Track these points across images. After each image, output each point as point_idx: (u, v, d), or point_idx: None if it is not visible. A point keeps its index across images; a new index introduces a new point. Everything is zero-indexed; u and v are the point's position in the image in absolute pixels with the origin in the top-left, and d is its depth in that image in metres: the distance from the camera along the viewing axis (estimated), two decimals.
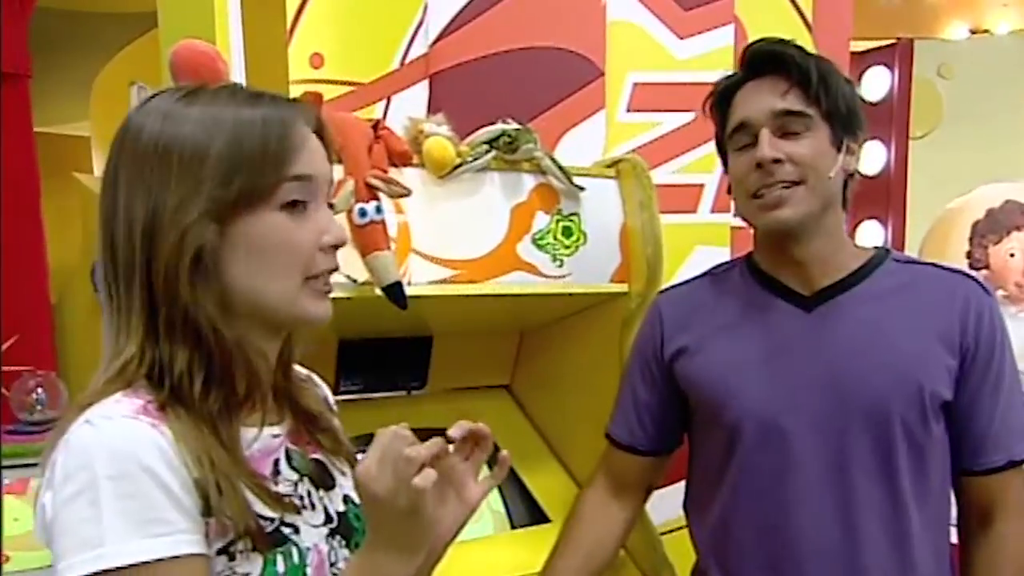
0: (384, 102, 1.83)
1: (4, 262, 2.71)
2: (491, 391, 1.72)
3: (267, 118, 0.76)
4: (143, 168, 0.75)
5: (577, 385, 1.58)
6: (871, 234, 3.67)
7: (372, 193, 1.15)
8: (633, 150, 1.91)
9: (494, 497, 1.50)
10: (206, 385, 0.74)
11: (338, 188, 1.14)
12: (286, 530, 0.78)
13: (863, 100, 3.68)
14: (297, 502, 0.81)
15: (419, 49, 1.84)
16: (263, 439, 0.80)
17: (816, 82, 1.09)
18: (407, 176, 1.24)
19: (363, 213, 1.14)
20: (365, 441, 1.42)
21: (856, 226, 3.77)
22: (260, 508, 0.75)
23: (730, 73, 1.20)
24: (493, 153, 1.30)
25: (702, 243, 1.95)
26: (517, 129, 1.31)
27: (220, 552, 0.71)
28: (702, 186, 1.99)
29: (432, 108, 1.85)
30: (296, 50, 1.83)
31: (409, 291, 1.22)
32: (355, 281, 1.18)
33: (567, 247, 1.37)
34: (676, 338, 1.23)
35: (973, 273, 1.22)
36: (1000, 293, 3.61)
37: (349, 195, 1.14)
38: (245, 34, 1.77)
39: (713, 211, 2.02)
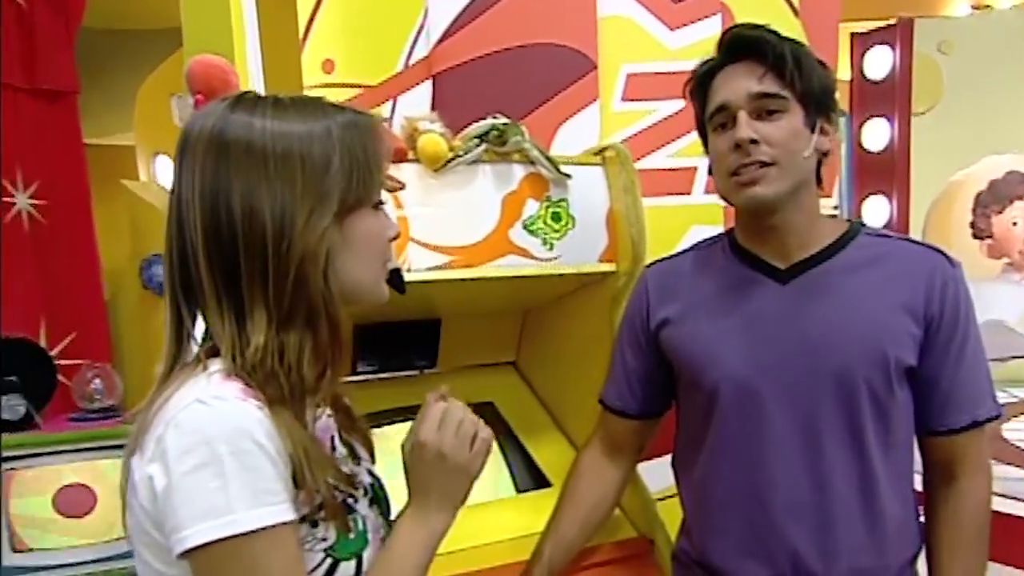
0: (391, 102, 1.88)
1: (61, 265, 2.82)
2: (498, 368, 1.77)
3: (359, 125, 0.83)
4: (262, 178, 0.78)
5: (575, 358, 1.61)
6: (877, 209, 3.64)
7: None
8: (628, 138, 1.94)
9: (501, 464, 1.55)
10: (312, 369, 0.79)
11: None
12: (350, 501, 0.84)
13: (866, 79, 3.69)
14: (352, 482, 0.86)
15: (421, 51, 1.88)
16: (323, 419, 0.88)
17: (791, 66, 1.10)
18: (404, 171, 1.29)
19: None
20: (382, 417, 1.49)
21: (862, 201, 3.74)
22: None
23: (708, 58, 1.21)
24: (484, 147, 1.33)
25: (697, 223, 1.96)
26: (505, 124, 1.34)
27: (303, 520, 0.76)
28: (695, 169, 2.01)
29: (435, 107, 1.89)
30: (309, 57, 1.88)
31: (409, 277, 1.26)
32: None
33: (556, 231, 1.40)
34: (661, 309, 1.26)
35: (940, 247, 1.23)
36: (1004, 261, 3.58)
37: None
38: (262, 44, 1.83)
39: (706, 192, 2.03)
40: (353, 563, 0.81)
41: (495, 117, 1.37)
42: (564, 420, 1.67)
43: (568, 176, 1.40)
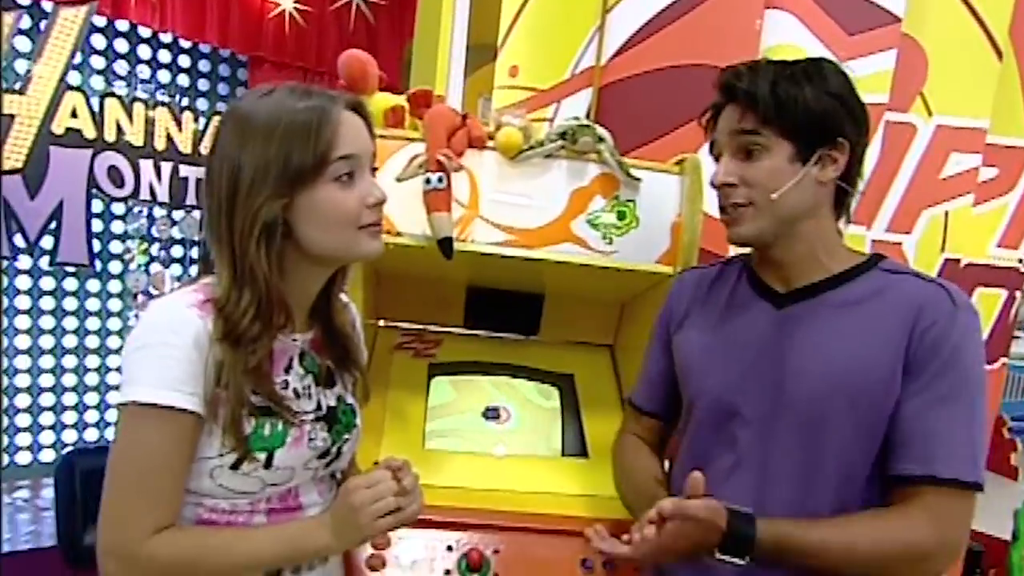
0: (555, 105, 1.98)
1: None
2: (593, 347, 1.79)
3: (307, 108, 0.89)
4: (227, 148, 0.90)
5: None
6: None
7: (440, 165, 1.33)
8: None
9: (556, 428, 1.59)
10: (253, 320, 0.90)
11: (411, 161, 1.35)
12: (276, 408, 0.93)
13: None
14: (292, 393, 0.97)
15: (587, 62, 1.95)
16: (283, 342, 0.98)
17: (765, 104, 1.02)
18: (484, 156, 1.40)
19: (428, 181, 1.32)
20: (487, 368, 1.62)
21: None
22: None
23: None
24: (560, 143, 1.39)
25: None
26: (580, 125, 1.38)
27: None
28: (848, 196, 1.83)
29: (600, 114, 1.95)
30: (501, 63, 2.04)
31: (469, 247, 1.38)
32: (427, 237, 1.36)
33: (618, 228, 1.41)
34: (678, 313, 1.24)
35: (948, 284, 1.04)
36: None
37: (416, 167, 1.33)
38: (468, 49, 2.04)
39: (849, 222, 1.84)
40: (263, 457, 0.92)
41: (578, 119, 1.41)
42: None
43: (638, 180, 1.40)
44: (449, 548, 1.32)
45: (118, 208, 3.83)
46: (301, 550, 0.94)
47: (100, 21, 3.68)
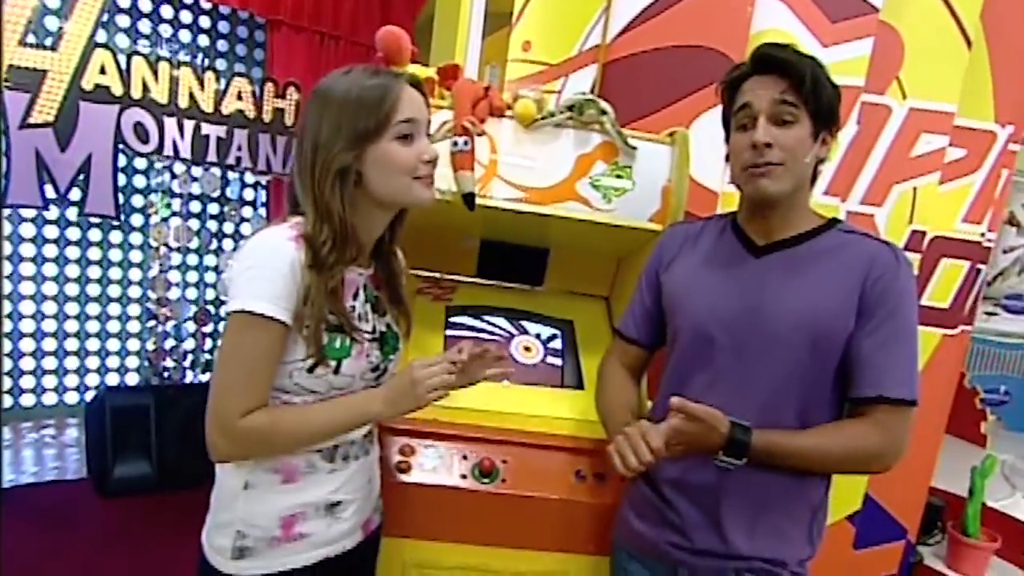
0: (563, 79, 2.19)
1: None
2: (592, 298, 2.02)
3: (376, 84, 1.14)
4: (316, 115, 1.13)
5: None
6: None
7: (465, 130, 1.55)
8: None
9: (556, 363, 1.84)
10: (331, 250, 1.12)
11: (440, 127, 1.57)
12: (347, 328, 1.16)
13: None
14: (357, 316, 1.20)
15: (593, 40, 2.15)
16: (352, 274, 1.21)
17: (808, 84, 1.23)
18: (503, 124, 1.62)
19: (455, 144, 1.55)
20: (494, 312, 1.85)
21: None
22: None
23: (741, 64, 1.35)
24: (568, 114, 1.61)
25: None
26: (586, 100, 1.60)
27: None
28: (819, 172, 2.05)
29: (603, 89, 2.17)
30: (515, 38, 2.25)
31: (488, 202, 1.61)
32: (452, 192, 1.58)
33: (616, 191, 1.64)
34: (667, 258, 1.46)
35: (892, 242, 1.30)
36: None
37: (446, 131, 1.55)
38: (485, 25, 2.24)
39: (825, 194, 2.07)
40: (333, 363, 1.15)
41: (585, 94, 1.63)
42: None
43: (634, 148, 1.63)
44: (464, 457, 1.57)
45: (140, 163, 4.03)
46: (358, 415, 1.18)
47: None
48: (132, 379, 4.35)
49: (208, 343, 4.13)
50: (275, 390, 1.16)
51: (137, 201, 4.14)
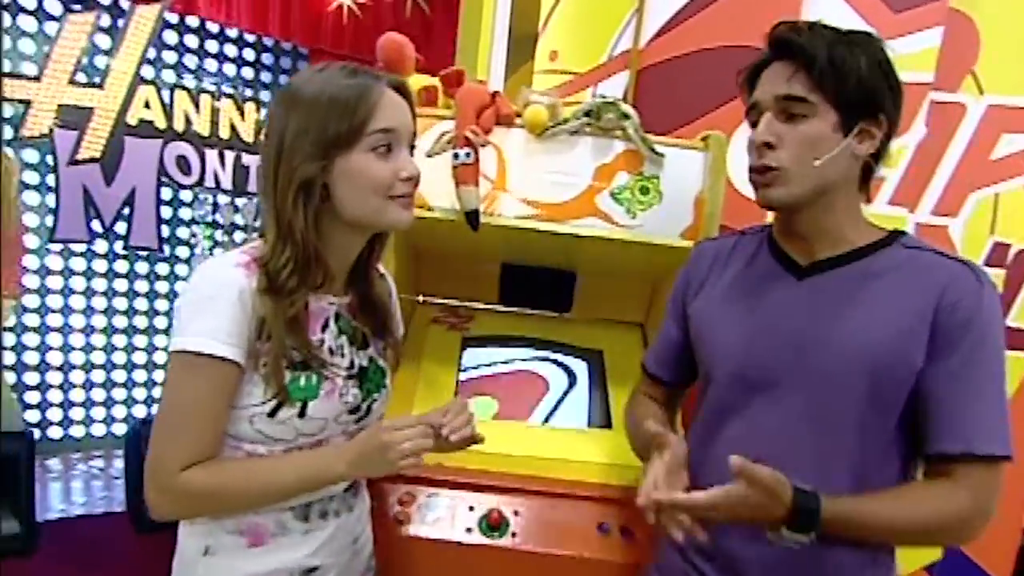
0: (592, 88, 2.01)
1: None
2: (626, 326, 1.82)
3: (352, 85, 0.96)
4: (277, 117, 0.97)
5: None
6: None
7: (467, 142, 1.38)
8: None
9: (584, 400, 1.64)
10: (292, 274, 0.96)
11: (440, 137, 1.41)
12: (313, 363, 1.00)
13: None
14: (327, 350, 1.03)
15: (623, 45, 1.98)
16: (321, 302, 1.05)
17: (821, 67, 1.00)
18: (512, 133, 1.45)
19: (456, 156, 1.38)
20: (519, 343, 1.68)
21: None
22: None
23: (761, 49, 1.12)
24: (585, 120, 1.43)
25: None
26: (604, 103, 1.42)
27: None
28: (883, 179, 1.81)
29: (638, 96, 1.99)
30: (542, 47, 2.09)
31: (495, 220, 1.44)
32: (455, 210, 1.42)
33: (641, 203, 1.44)
34: (695, 283, 1.24)
35: (970, 261, 1.04)
36: None
37: (445, 142, 1.39)
38: (510, 36, 2.10)
39: (891, 203, 1.83)
40: (297, 407, 0.98)
41: (603, 96, 1.45)
42: None
43: (661, 155, 1.43)
44: (471, 508, 1.38)
45: (185, 195, 4.03)
46: (316, 474, 1.00)
47: (172, 18, 3.88)
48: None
49: None
50: (236, 439, 1.00)
51: (182, 233, 4.14)
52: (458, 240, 1.52)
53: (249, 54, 4.19)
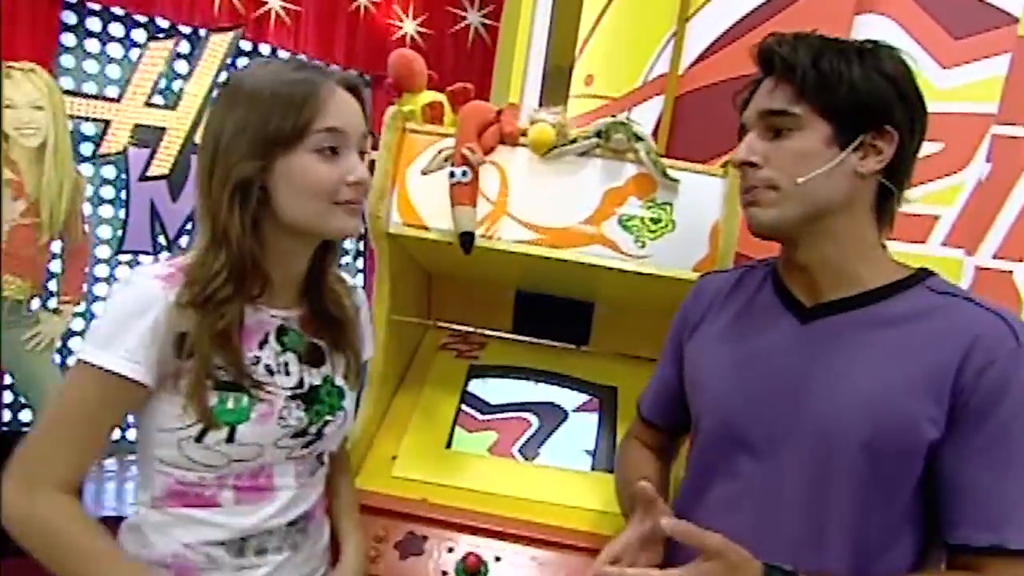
0: (626, 113, 1.90)
1: None
2: (642, 362, 1.67)
3: (297, 80, 0.89)
4: (215, 113, 0.91)
5: None
6: None
7: (464, 160, 1.30)
8: None
9: (589, 441, 1.51)
10: (225, 283, 0.89)
11: (436, 155, 1.34)
12: (244, 383, 0.91)
13: None
14: (263, 369, 0.94)
15: (659, 70, 1.87)
16: (261, 315, 0.97)
17: (802, 77, 0.88)
18: (516, 153, 1.36)
19: (452, 175, 1.30)
20: (533, 375, 1.57)
21: None
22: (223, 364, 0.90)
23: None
24: (595, 141, 1.33)
25: None
26: (614, 122, 1.31)
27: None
28: (937, 218, 1.63)
29: (675, 124, 1.88)
30: (578, 71, 2.01)
31: (493, 244, 1.34)
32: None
33: (652, 232, 1.32)
34: (691, 322, 1.11)
35: (1008, 313, 0.84)
36: None
37: (441, 160, 1.31)
38: (547, 59, 2.03)
39: (944, 244, 1.64)
40: (225, 431, 0.90)
41: (614, 116, 1.34)
42: None
43: (675, 181, 1.31)
44: (450, 550, 1.27)
45: None
46: None
47: (246, 45, 4.00)
48: None
49: None
50: (166, 464, 0.93)
51: None
52: (471, 265, 1.43)
53: None
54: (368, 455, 1.43)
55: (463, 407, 1.55)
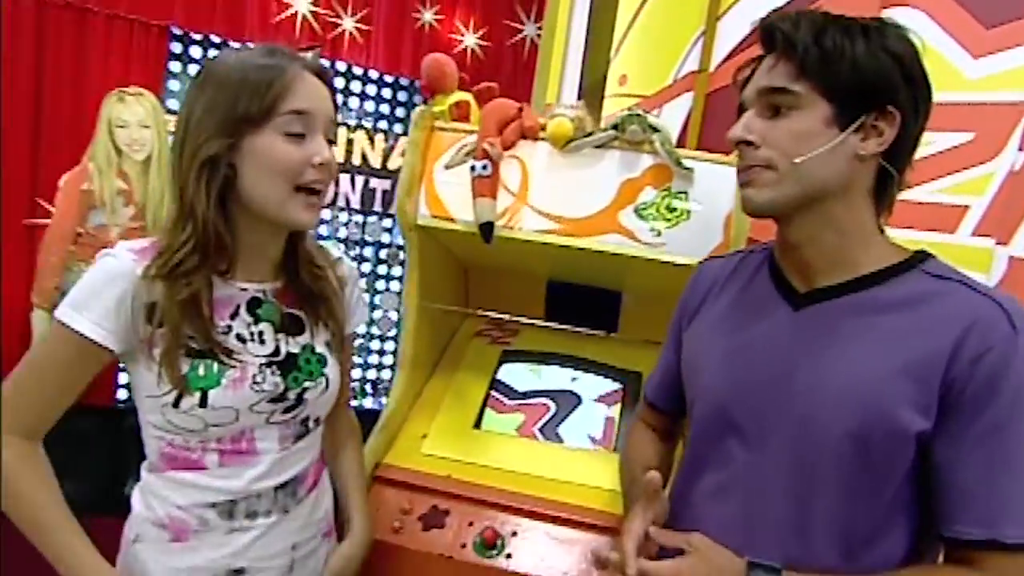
0: (658, 110, 1.92)
1: None
2: None
3: (265, 64, 0.91)
4: (188, 96, 0.92)
5: None
6: None
7: (485, 154, 1.35)
8: None
9: (614, 424, 1.53)
10: (190, 254, 0.91)
11: (459, 150, 1.39)
12: (215, 350, 0.93)
13: None
14: (235, 337, 0.96)
15: (688, 68, 1.87)
16: (228, 290, 0.97)
17: (806, 53, 0.84)
18: (537, 147, 1.40)
19: (473, 168, 1.35)
20: (561, 359, 1.61)
21: None
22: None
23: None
24: (612, 133, 1.35)
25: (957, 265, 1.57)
26: (629, 114, 1.33)
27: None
28: (966, 208, 1.59)
29: (706, 121, 1.88)
30: (612, 73, 2.04)
31: (513, 234, 1.38)
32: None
33: (668, 220, 1.33)
34: (690, 307, 1.10)
35: (1006, 298, 0.81)
36: None
37: (463, 155, 1.37)
38: (584, 61, 2.07)
39: (974, 234, 1.59)
40: (197, 396, 0.92)
41: (631, 110, 1.37)
42: None
43: (689, 170, 1.32)
44: (470, 523, 1.32)
45: (323, 214, 4.29)
46: (67, 567, 0.92)
47: (324, 63, 4.18)
48: None
49: (360, 373, 4.21)
50: (157, 429, 0.97)
51: None
52: (499, 255, 1.48)
53: (387, 92, 4.42)
54: (400, 434, 1.50)
55: (491, 392, 1.60)
